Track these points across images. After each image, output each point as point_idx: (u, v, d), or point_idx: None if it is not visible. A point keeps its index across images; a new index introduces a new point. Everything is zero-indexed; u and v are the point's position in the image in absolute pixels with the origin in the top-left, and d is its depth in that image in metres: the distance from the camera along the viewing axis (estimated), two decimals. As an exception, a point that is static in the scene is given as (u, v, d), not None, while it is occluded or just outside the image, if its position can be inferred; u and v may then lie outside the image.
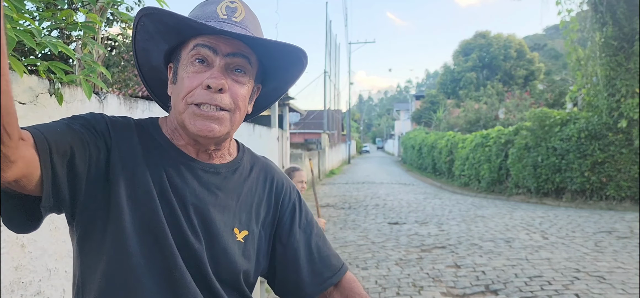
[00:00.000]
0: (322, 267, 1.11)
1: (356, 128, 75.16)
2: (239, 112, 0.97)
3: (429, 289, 4.86)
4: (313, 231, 1.14)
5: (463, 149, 17.09)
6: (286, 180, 1.17)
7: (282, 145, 12.09)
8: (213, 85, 0.90)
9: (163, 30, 0.96)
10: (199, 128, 0.92)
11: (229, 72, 0.94)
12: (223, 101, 0.92)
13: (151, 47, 1.01)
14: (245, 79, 0.97)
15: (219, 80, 0.91)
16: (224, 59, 0.93)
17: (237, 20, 0.95)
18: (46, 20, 2.23)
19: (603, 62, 10.93)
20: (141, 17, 0.94)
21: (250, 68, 0.97)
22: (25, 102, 2.02)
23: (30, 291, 2.04)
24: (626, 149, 10.72)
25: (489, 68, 36.95)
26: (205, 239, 0.95)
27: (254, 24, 0.99)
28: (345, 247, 6.84)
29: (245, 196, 1.05)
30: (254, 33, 0.97)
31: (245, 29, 0.95)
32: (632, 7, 10.60)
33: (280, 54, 1.01)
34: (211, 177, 1.00)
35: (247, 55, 0.96)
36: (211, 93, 0.91)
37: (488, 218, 9.27)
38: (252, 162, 1.12)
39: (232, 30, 0.92)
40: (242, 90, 0.96)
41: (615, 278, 5.04)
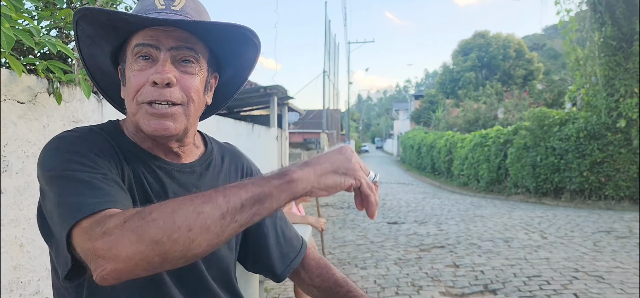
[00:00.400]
0: (287, 249, 1.15)
1: (355, 127, 75.18)
2: (193, 104, 0.92)
3: (428, 289, 4.87)
4: (277, 215, 1.17)
5: (462, 148, 17.10)
6: (253, 166, 1.19)
7: (281, 145, 12.08)
8: (159, 80, 0.86)
9: (102, 32, 0.92)
10: (154, 128, 0.89)
11: (176, 65, 0.90)
12: (173, 95, 0.88)
13: (96, 51, 0.97)
14: (195, 68, 0.92)
15: (165, 74, 0.87)
16: (168, 53, 0.89)
17: (176, 9, 0.91)
18: (45, 19, 2.23)
19: (602, 62, 10.94)
20: (77, 21, 0.90)
21: (198, 57, 0.92)
22: (24, 102, 2.02)
23: (29, 290, 2.04)
24: (625, 148, 10.73)
25: (488, 68, 36.97)
26: None
27: (196, 10, 0.95)
28: (344, 247, 6.85)
29: None
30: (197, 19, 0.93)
31: (187, 17, 0.91)
32: (631, 7, 10.61)
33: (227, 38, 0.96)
34: (188, 177, 0.99)
35: (191, 46, 0.91)
36: (159, 89, 0.87)
37: (487, 218, 9.28)
38: (221, 153, 1.12)
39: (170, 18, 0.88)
40: (193, 81, 0.91)
41: (614, 278, 5.04)
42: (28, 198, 2.02)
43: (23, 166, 2.01)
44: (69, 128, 1.45)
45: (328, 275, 1.15)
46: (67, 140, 0.86)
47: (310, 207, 10.81)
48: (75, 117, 2.37)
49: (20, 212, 1.98)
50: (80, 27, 0.91)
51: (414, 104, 47.03)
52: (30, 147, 2.06)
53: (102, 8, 0.88)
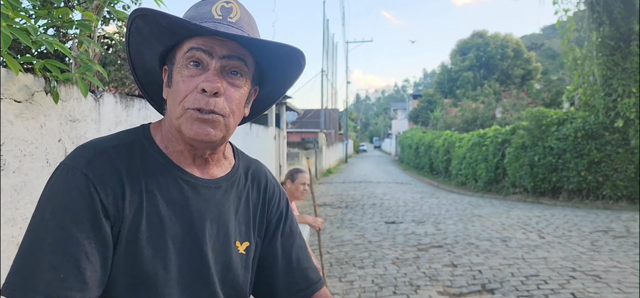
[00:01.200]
0: (298, 278, 1.11)
1: (353, 127, 75.20)
2: (233, 117, 0.94)
3: (426, 288, 4.87)
4: (295, 242, 1.14)
5: (460, 148, 17.13)
6: (277, 187, 1.17)
7: (279, 144, 12.07)
8: (208, 89, 0.88)
9: (157, 31, 0.93)
10: (195, 131, 0.89)
11: (224, 75, 0.92)
12: (218, 105, 0.90)
13: (145, 49, 0.98)
14: (242, 82, 0.94)
15: (214, 83, 0.88)
16: (219, 62, 0.90)
17: (232, 21, 0.92)
18: (42, 18, 2.22)
19: (600, 61, 10.96)
20: (134, 19, 0.91)
21: (246, 70, 0.94)
22: (21, 100, 2.01)
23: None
24: (622, 148, 10.76)
25: (486, 67, 37.01)
26: (212, 257, 0.95)
27: (250, 24, 0.96)
28: (342, 246, 6.85)
29: (244, 207, 1.05)
30: (250, 34, 0.94)
31: (241, 30, 0.93)
32: (629, 7, 10.64)
33: (277, 55, 0.97)
34: (213, 192, 0.99)
35: (243, 57, 0.93)
36: (206, 97, 0.88)
37: (485, 217, 9.29)
38: (246, 169, 1.11)
39: (227, 31, 0.89)
40: (238, 94, 0.93)
41: (611, 277, 5.06)
42: (25, 197, 2.01)
43: (20, 165, 2.00)
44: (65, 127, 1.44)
45: None
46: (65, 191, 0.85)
47: (308, 206, 10.81)
48: (72, 116, 2.36)
49: (17, 211, 1.98)
50: (135, 24, 0.92)
51: (412, 103, 47.06)
52: (27, 146, 2.05)
53: (165, 12, 0.89)
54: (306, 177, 3.80)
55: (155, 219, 0.90)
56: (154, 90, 1.06)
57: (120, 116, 2.86)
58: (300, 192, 3.76)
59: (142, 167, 0.92)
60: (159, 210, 0.91)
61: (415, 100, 45.13)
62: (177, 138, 0.95)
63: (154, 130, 0.99)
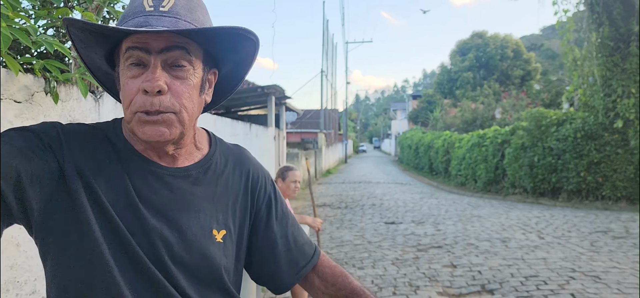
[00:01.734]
0: (298, 256, 1.11)
1: (353, 127, 75.21)
2: (186, 111, 0.89)
3: (425, 289, 4.87)
4: (289, 222, 1.13)
5: (459, 148, 17.13)
6: (261, 171, 1.14)
7: (278, 145, 12.07)
8: (149, 89, 0.84)
9: (92, 37, 0.90)
10: (148, 134, 0.87)
11: (167, 69, 0.87)
12: (163, 103, 0.86)
13: (91, 54, 0.96)
14: (188, 72, 0.89)
15: (154, 82, 0.84)
16: (158, 57, 0.86)
17: (165, 9, 0.87)
18: (42, 18, 2.22)
19: (599, 62, 10.97)
20: (67, 28, 0.88)
21: (190, 57, 0.89)
22: (21, 101, 2.01)
23: (26, 290, 2.03)
24: (622, 149, 10.76)
25: (485, 68, 37.03)
26: (182, 248, 0.92)
27: (188, 7, 0.90)
28: (342, 247, 6.85)
29: (221, 194, 1.02)
30: (189, 19, 0.89)
31: (176, 17, 0.87)
32: (628, 8, 10.65)
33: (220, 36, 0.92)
34: (181, 181, 0.96)
35: (183, 45, 0.87)
36: (150, 97, 0.85)
37: (484, 218, 9.29)
38: (225, 156, 1.08)
39: (159, 22, 0.85)
40: (185, 86, 0.89)
41: (611, 278, 5.06)
42: (24, 197, 2.01)
43: (19, 165, 2.00)
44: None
45: (345, 284, 1.10)
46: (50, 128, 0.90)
47: (307, 206, 10.81)
48: (72, 117, 2.36)
49: (16, 211, 1.98)
50: (72, 33, 0.90)
51: (411, 104, 47.06)
52: (27, 146, 2.05)
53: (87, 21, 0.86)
54: (297, 174, 3.78)
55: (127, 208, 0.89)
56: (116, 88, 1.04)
57: (120, 116, 2.86)
58: (291, 190, 3.75)
59: (113, 151, 0.92)
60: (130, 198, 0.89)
61: (415, 100, 45.13)
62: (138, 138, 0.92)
63: (124, 123, 0.98)
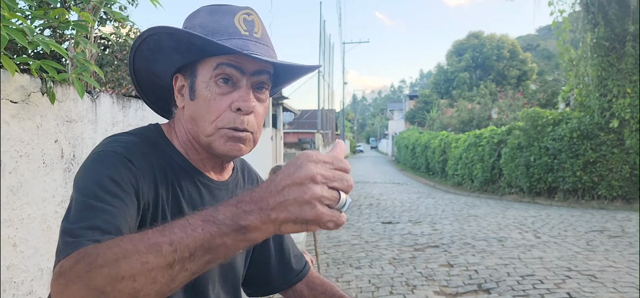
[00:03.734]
0: (290, 266, 1.18)
1: (350, 127, 75.29)
2: (260, 131, 0.97)
3: (422, 288, 4.88)
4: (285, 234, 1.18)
5: (456, 148, 17.16)
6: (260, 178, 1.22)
7: (276, 145, 12.07)
8: (244, 109, 0.89)
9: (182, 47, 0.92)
10: (229, 149, 0.92)
11: (253, 91, 0.93)
12: (250, 123, 0.91)
13: (160, 58, 0.97)
14: (266, 96, 0.97)
15: (250, 103, 0.90)
16: (250, 79, 0.91)
17: (258, 36, 0.93)
18: (38, 18, 2.22)
19: (595, 62, 11.02)
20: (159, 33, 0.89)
21: (270, 83, 0.97)
22: (17, 101, 2.01)
23: (22, 290, 2.03)
24: (617, 148, 10.81)
25: (482, 68, 37.11)
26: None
27: (268, 36, 0.98)
28: (339, 246, 6.85)
29: None
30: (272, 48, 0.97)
31: (266, 45, 0.94)
32: (623, 8, 10.69)
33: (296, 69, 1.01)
34: (224, 194, 1.02)
35: (269, 71, 0.94)
36: (241, 115, 0.90)
37: (481, 217, 9.32)
38: (242, 169, 1.15)
39: (256, 48, 0.91)
40: (263, 108, 0.96)
41: (607, 276, 5.08)
42: (21, 198, 2.01)
43: (16, 166, 2.00)
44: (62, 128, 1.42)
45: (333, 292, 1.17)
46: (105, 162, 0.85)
47: (305, 207, 10.81)
48: (68, 117, 2.36)
49: (13, 212, 1.98)
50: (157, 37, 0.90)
51: (408, 104, 47.11)
52: (23, 146, 2.05)
53: (195, 34, 0.88)
54: None
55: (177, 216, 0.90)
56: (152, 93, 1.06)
57: (117, 117, 2.85)
58: None
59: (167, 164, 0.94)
60: (181, 207, 0.93)
61: (412, 100, 45.18)
62: (198, 148, 0.97)
63: (168, 133, 0.99)
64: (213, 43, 0.87)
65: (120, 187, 0.81)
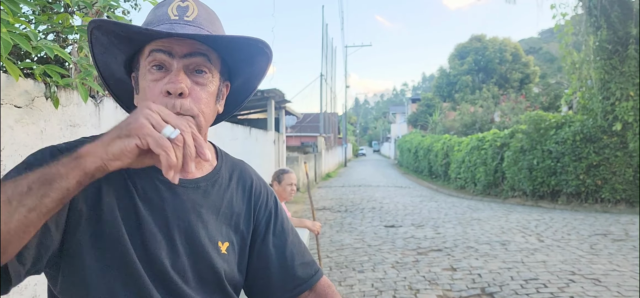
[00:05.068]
0: (294, 274, 1.09)
1: (352, 131, 75.23)
2: (203, 116, 0.92)
3: (425, 292, 4.87)
4: (288, 239, 1.12)
5: (459, 151, 17.14)
6: (264, 187, 1.16)
7: (278, 148, 12.08)
8: (172, 90, 0.87)
9: (116, 41, 0.92)
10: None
11: (189, 75, 0.90)
12: (184, 106, 0.88)
13: (109, 59, 0.97)
14: (207, 79, 0.93)
15: (177, 84, 0.87)
16: (181, 61, 0.89)
17: (189, 19, 0.91)
18: (42, 23, 2.23)
19: (597, 65, 11.00)
20: (92, 30, 0.90)
21: (211, 66, 0.93)
22: (21, 106, 2.02)
23: (26, 295, 2.03)
24: (621, 151, 10.78)
25: (484, 71, 37.08)
26: (191, 258, 0.94)
27: (209, 19, 0.95)
28: (342, 250, 6.84)
29: (226, 208, 1.03)
30: (210, 30, 0.93)
31: (199, 27, 0.91)
32: (626, 11, 10.68)
33: (240, 47, 0.97)
34: (191, 193, 0.97)
35: (205, 52, 0.91)
36: (172, 99, 0.87)
37: (484, 221, 9.29)
38: (230, 170, 1.10)
39: (183, 30, 0.88)
40: (205, 92, 0.92)
41: (611, 280, 5.06)
42: (25, 202, 2.01)
43: (20, 170, 2.01)
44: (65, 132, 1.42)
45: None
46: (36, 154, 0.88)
47: (306, 210, 10.81)
48: (72, 121, 2.37)
49: (17, 216, 1.98)
50: (94, 36, 0.91)
51: (411, 107, 47.12)
52: (28, 151, 2.05)
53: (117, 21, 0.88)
54: (292, 177, 3.77)
55: (132, 216, 0.89)
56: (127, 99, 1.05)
57: (120, 120, 2.86)
58: (287, 193, 3.74)
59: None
60: (136, 206, 0.90)
61: (414, 104, 45.18)
62: None
63: None
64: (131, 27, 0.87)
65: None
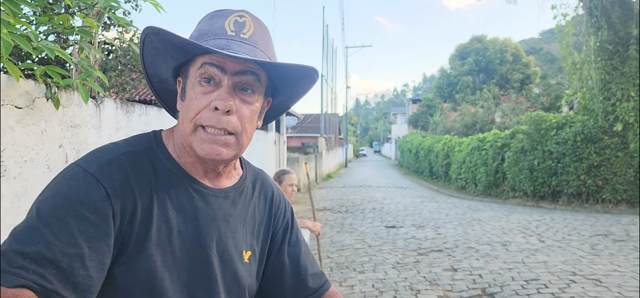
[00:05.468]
0: (306, 284, 1.14)
1: (353, 132, 75.26)
2: (245, 134, 0.94)
3: (426, 292, 4.87)
4: (301, 249, 1.16)
5: (459, 152, 17.14)
6: (282, 197, 1.19)
7: (279, 149, 12.08)
8: (220, 107, 0.88)
9: (170, 48, 0.93)
10: (206, 151, 0.90)
11: (237, 92, 0.92)
12: (230, 123, 0.90)
13: (159, 61, 0.99)
14: (254, 98, 0.94)
15: (226, 102, 0.88)
16: (232, 78, 0.90)
17: (245, 37, 0.92)
18: (43, 24, 2.23)
19: (598, 65, 10.99)
20: (147, 34, 0.91)
21: (259, 85, 0.94)
22: (22, 107, 2.02)
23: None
24: (621, 152, 10.77)
25: (485, 72, 37.07)
26: (221, 267, 0.96)
27: (264, 38, 0.96)
28: (342, 251, 6.84)
29: (250, 217, 1.06)
30: (264, 49, 0.95)
31: (254, 46, 0.93)
32: (626, 12, 10.68)
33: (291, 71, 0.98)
34: (221, 202, 0.99)
35: (255, 72, 0.92)
36: (218, 115, 0.89)
37: (484, 221, 9.29)
38: (253, 180, 1.12)
39: (240, 48, 0.90)
40: (249, 111, 0.93)
41: (612, 281, 5.06)
42: (26, 203, 2.01)
43: (21, 171, 2.01)
44: (66, 133, 1.43)
45: None
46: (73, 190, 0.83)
47: (307, 211, 10.81)
48: (73, 122, 2.37)
49: (17, 217, 1.98)
50: (149, 39, 0.93)
51: (411, 108, 47.12)
52: (28, 152, 2.06)
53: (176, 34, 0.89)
54: (293, 177, 3.78)
55: (164, 226, 0.90)
56: (168, 98, 1.07)
57: (121, 122, 2.86)
58: (288, 194, 3.74)
59: (153, 174, 0.92)
60: (168, 217, 0.91)
61: (415, 104, 45.18)
62: (189, 151, 0.95)
63: (166, 137, 0.99)
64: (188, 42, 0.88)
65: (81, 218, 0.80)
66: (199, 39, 0.92)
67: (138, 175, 0.90)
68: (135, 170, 0.90)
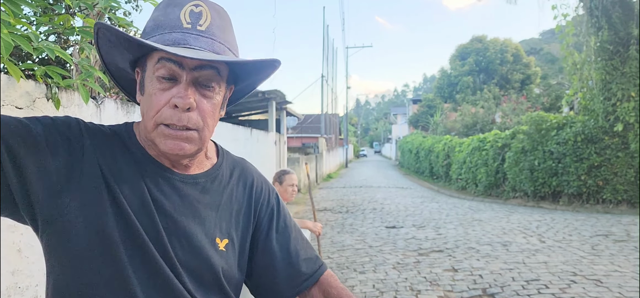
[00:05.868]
0: (299, 269, 1.10)
1: (353, 132, 75.23)
2: (207, 129, 0.93)
3: (427, 293, 4.87)
4: (291, 235, 1.13)
5: (460, 152, 17.13)
6: (265, 184, 1.16)
7: (279, 149, 12.08)
8: (180, 105, 0.87)
9: (124, 42, 0.92)
10: (169, 147, 0.90)
11: (196, 87, 0.90)
12: (191, 120, 0.89)
13: (115, 53, 0.97)
14: (214, 92, 0.93)
15: (186, 99, 0.87)
16: (190, 73, 0.88)
17: (202, 29, 0.90)
18: (43, 25, 2.23)
19: (599, 66, 10.99)
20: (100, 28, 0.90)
21: (219, 77, 0.92)
22: (22, 107, 2.02)
23: (27, 296, 2.03)
24: (622, 152, 10.76)
25: (485, 72, 37.06)
26: (188, 253, 0.94)
27: (222, 28, 0.94)
28: (343, 251, 6.84)
29: (225, 204, 1.04)
30: (223, 40, 0.93)
31: (212, 38, 0.91)
32: (627, 12, 10.67)
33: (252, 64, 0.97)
34: (190, 188, 0.98)
35: (215, 66, 0.90)
36: (179, 112, 0.88)
37: (485, 221, 9.28)
38: (231, 167, 1.10)
39: (197, 42, 0.88)
40: (210, 105, 0.92)
41: (612, 281, 5.05)
42: (26, 203, 2.01)
43: (21, 171, 2.01)
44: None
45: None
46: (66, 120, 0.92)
47: (307, 211, 10.80)
48: (73, 122, 2.37)
49: (18, 217, 1.98)
50: (102, 32, 0.91)
51: (412, 108, 47.10)
52: (29, 152, 2.05)
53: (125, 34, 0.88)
54: (294, 178, 3.78)
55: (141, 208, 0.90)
56: (128, 85, 1.06)
57: (121, 122, 2.87)
58: (289, 194, 3.74)
59: (128, 155, 0.94)
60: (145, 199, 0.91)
61: (415, 105, 45.17)
62: (152, 145, 0.95)
63: (136, 128, 1.00)
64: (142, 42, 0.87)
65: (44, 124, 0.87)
66: (155, 30, 0.90)
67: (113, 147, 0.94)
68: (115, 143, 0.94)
